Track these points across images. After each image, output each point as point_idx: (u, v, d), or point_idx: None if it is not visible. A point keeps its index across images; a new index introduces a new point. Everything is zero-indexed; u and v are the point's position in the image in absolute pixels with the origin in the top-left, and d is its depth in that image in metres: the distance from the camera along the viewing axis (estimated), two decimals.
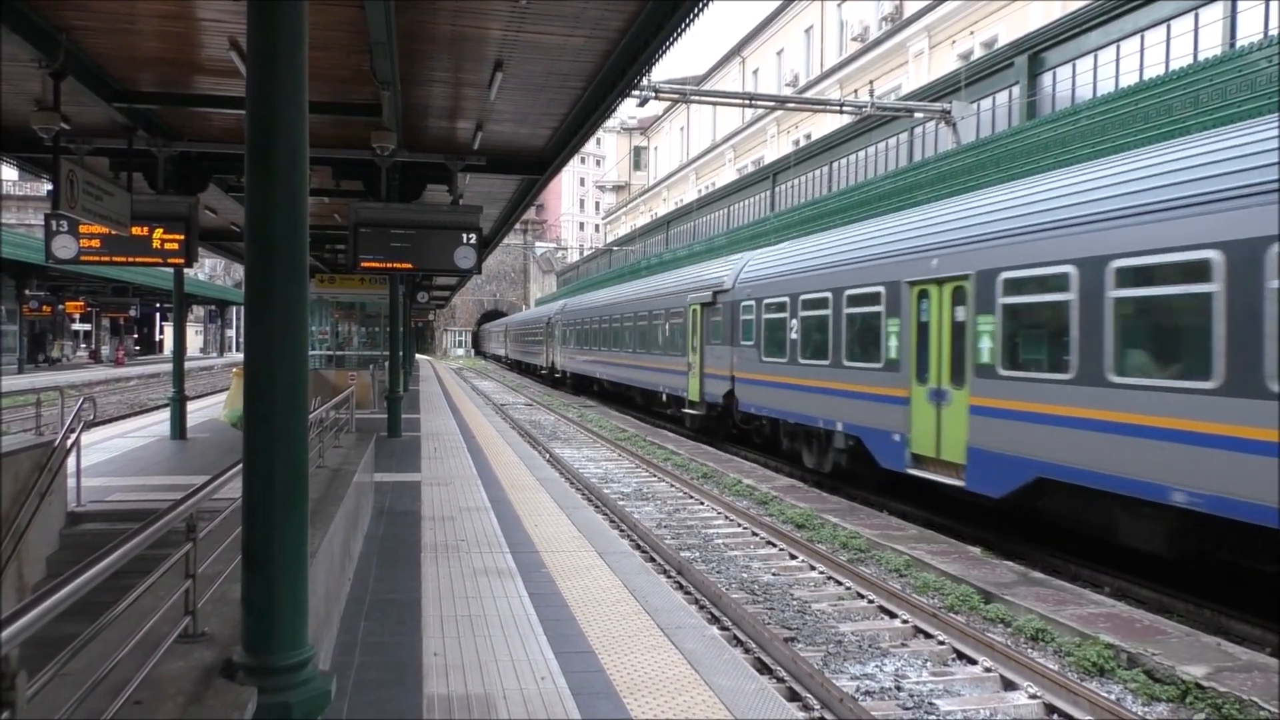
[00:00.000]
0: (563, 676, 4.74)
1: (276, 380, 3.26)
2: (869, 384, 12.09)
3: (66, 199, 7.73)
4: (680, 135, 61.38)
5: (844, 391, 12.75)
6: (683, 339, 20.06)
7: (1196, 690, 5.90)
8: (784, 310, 14.81)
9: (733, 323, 16.96)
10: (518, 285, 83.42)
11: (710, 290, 18.18)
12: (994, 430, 9.54)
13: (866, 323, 12.33)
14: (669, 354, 21.26)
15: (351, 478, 7.10)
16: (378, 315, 23.01)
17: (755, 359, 15.78)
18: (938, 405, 10.54)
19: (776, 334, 15.06)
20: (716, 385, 17.74)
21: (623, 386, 27.13)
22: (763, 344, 15.51)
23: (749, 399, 16.25)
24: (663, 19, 7.01)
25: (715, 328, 17.96)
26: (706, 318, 18.49)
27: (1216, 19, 17.00)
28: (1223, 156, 7.36)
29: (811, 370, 13.78)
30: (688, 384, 19.63)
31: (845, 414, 12.71)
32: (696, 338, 18.98)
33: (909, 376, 11.12)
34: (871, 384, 12.00)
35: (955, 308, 10.33)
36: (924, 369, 10.88)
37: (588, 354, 31.47)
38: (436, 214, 10.35)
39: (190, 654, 3.28)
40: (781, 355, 14.77)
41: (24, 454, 7.29)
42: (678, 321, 20.61)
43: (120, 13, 7.05)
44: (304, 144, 3.35)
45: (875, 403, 11.86)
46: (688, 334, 19.66)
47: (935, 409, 10.58)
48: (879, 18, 34.76)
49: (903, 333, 11.32)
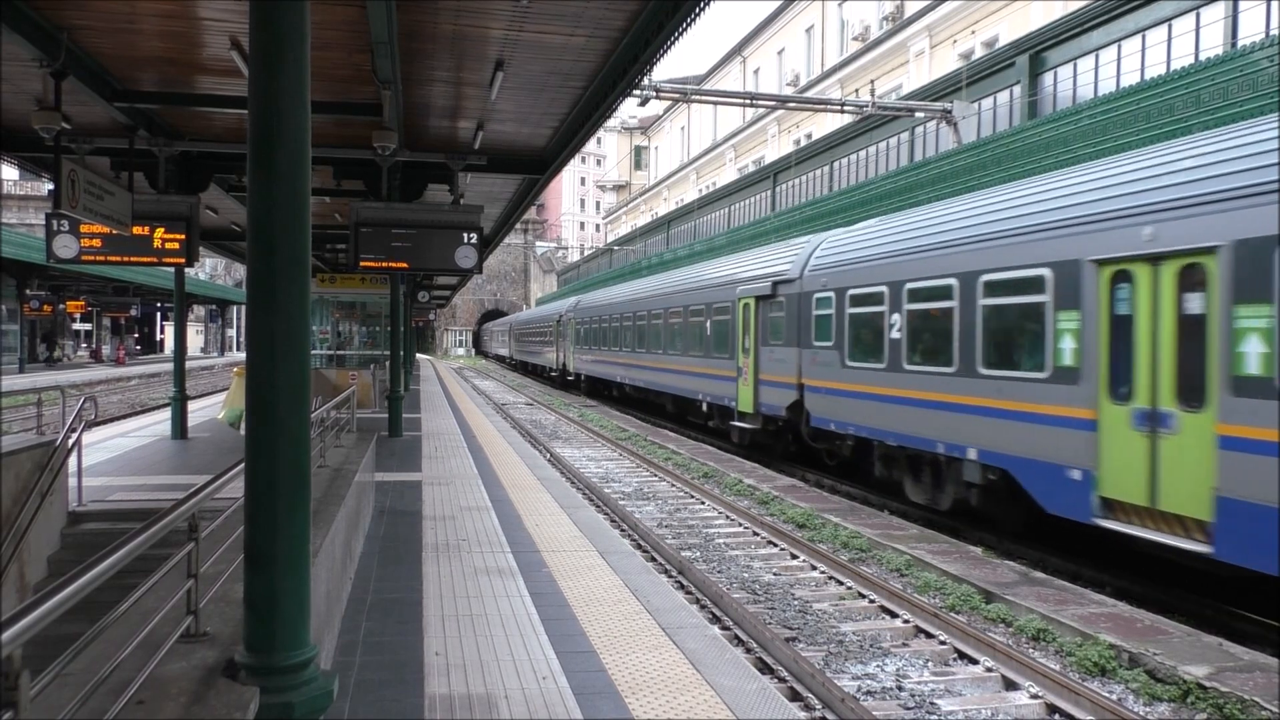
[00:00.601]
0: (564, 676, 4.74)
1: (278, 379, 3.27)
2: (1024, 400, 9.11)
3: (68, 198, 7.73)
4: (681, 135, 61.36)
5: (981, 409, 9.76)
6: (730, 339, 17.13)
7: (1198, 690, 5.89)
8: (879, 303, 11.84)
9: (800, 319, 14.06)
10: (518, 285, 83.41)
11: (768, 281, 15.29)
12: (1267, 475, 6.58)
13: (1019, 317, 9.42)
14: (712, 356, 18.23)
15: (353, 477, 7.10)
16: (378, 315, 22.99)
17: (835, 363, 12.93)
18: (1151, 433, 7.62)
19: (868, 333, 12.23)
20: (777, 394, 14.90)
21: (649, 392, 24.25)
22: (847, 345, 12.65)
23: (825, 412, 13.28)
24: (664, 18, 7.01)
25: (774, 325, 15.11)
26: (762, 314, 15.62)
27: (1218, 19, 16.99)
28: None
29: (926, 379, 10.81)
30: (737, 392, 16.68)
31: (982, 438, 9.73)
32: (749, 338, 16.07)
33: (1096, 391, 8.21)
34: (1029, 400, 9.03)
35: (1185, 295, 7.45)
36: (1123, 381, 7.98)
37: (606, 355, 28.48)
38: (437, 213, 10.35)
39: (192, 654, 3.28)
40: (876, 359, 11.88)
41: (25, 453, 7.29)
42: (723, 319, 17.63)
43: (121, 12, 7.05)
44: (306, 143, 3.36)
45: (1035, 425, 8.89)
46: (736, 333, 16.75)
47: (1147, 438, 7.66)
48: (880, 17, 34.75)
49: (1085, 330, 8.40)
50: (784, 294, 14.81)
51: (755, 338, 15.86)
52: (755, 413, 15.87)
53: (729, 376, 17.18)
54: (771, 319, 15.29)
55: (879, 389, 11.85)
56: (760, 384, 15.73)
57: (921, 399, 10.91)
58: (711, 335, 18.24)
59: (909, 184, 18.93)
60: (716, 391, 18.00)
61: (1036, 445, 8.93)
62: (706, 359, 18.60)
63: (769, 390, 15.38)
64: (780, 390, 14.86)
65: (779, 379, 14.93)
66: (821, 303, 13.51)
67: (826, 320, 13.32)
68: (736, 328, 16.82)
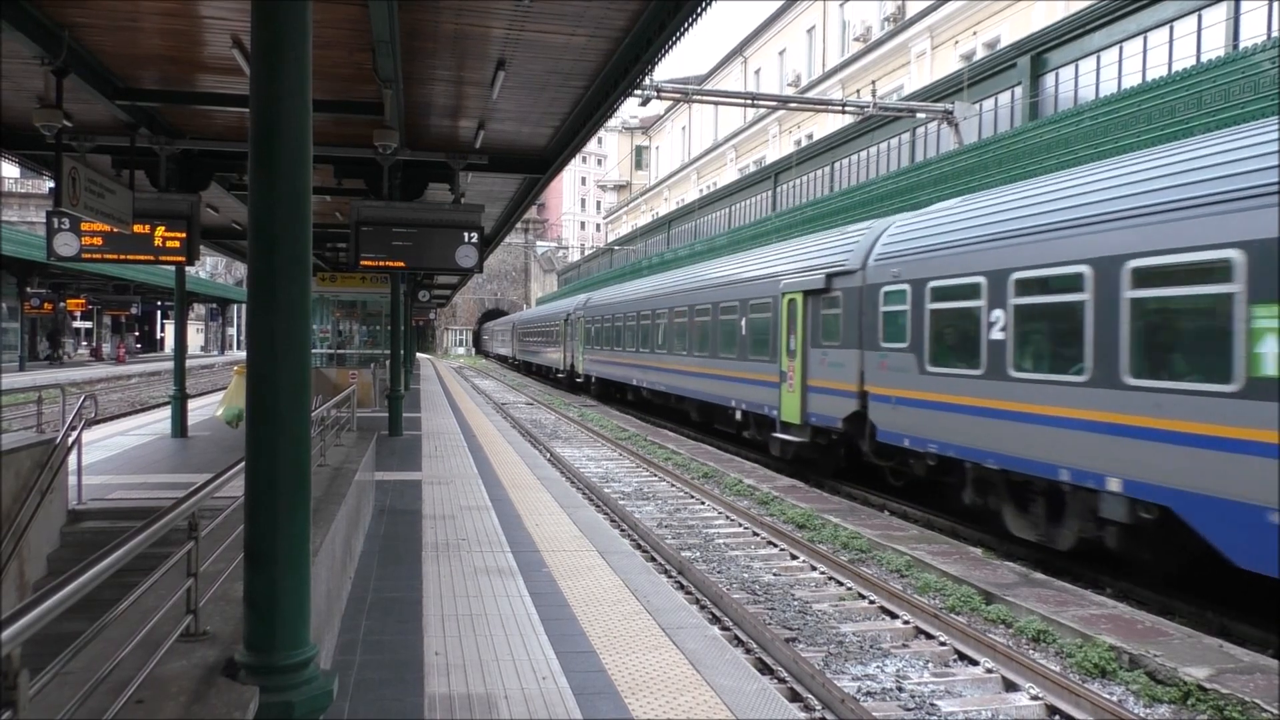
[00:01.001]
0: (564, 676, 4.74)
1: (279, 378, 3.26)
2: (1200, 419, 7.11)
3: (69, 196, 7.72)
4: (682, 135, 61.37)
5: (1129, 428, 7.81)
6: (771, 340, 15.20)
7: (1198, 692, 5.89)
8: (973, 296, 9.86)
9: (863, 317, 12.17)
10: (519, 284, 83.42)
11: (820, 273, 13.43)
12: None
13: (1190, 314, 7.55)
14: (748, 359, 16.27)
15: (353, 476, 7.10)
16: (379, 314, 23.00)
17: (911, 368, 10.97)
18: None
19: (956, 332, 10.36)
20: (831, 403, 12.98)
21: (669, 397, 22.18)
22: (927, 347, 10.70)
23: (898, 425, 11.30)
24: (665, 18, 7.00)
25: (828, 324, 13.22)
26: (812, 311, 13.73)
27: (1220, 20, 16.99)
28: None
29: (1042, 390, 8.83)
30: (779, 399, 14.70)
31: (1131, 465, 7.78)
32: (795, 338, 14.19)
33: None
34: (1208, 419, 7.04)
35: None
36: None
37: (620, 356, 26.31)
38: (438, 213, 10.35)
39: (192, 653, 3.27)
40: (968, 364, 9.93)
41: (25, 451, 7.28)
42: (762, 317, 15.69)
43: (123, 10, 7.05)
44: (308, 142, 3.35)
45: (1218, 452, 6.98)
46: (779, 333, 14.80)
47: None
48: (881, 18, 34.74)
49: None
50: (840, 288, 12.89)
51: (803, 338, 13.96)
52: (803, 424, 13.86)
53: (769, 382, 15.23)
54: (824, 317, 13.36)
55: (973, 400, 9.88)
56: (809, 391, 13.75)
57: (1035, 414, 8.90)
58: (748, 335, 16.32)
59: (910, 185, 18.93)
60: (754, 398, 16.00)
61: (1220, 478, 6.93)
62: (741, 362, 16.63)
63: (820, 398, 13.39)
64: (835, 399, 12.89)
65: (834, 385, 12.97)
66: (892, 297, 11.51)
67: (898, 318, 11.31)
68: (779, 327, 14.87)
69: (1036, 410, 8.93)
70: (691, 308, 19.86)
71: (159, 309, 63.59)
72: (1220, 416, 6.94)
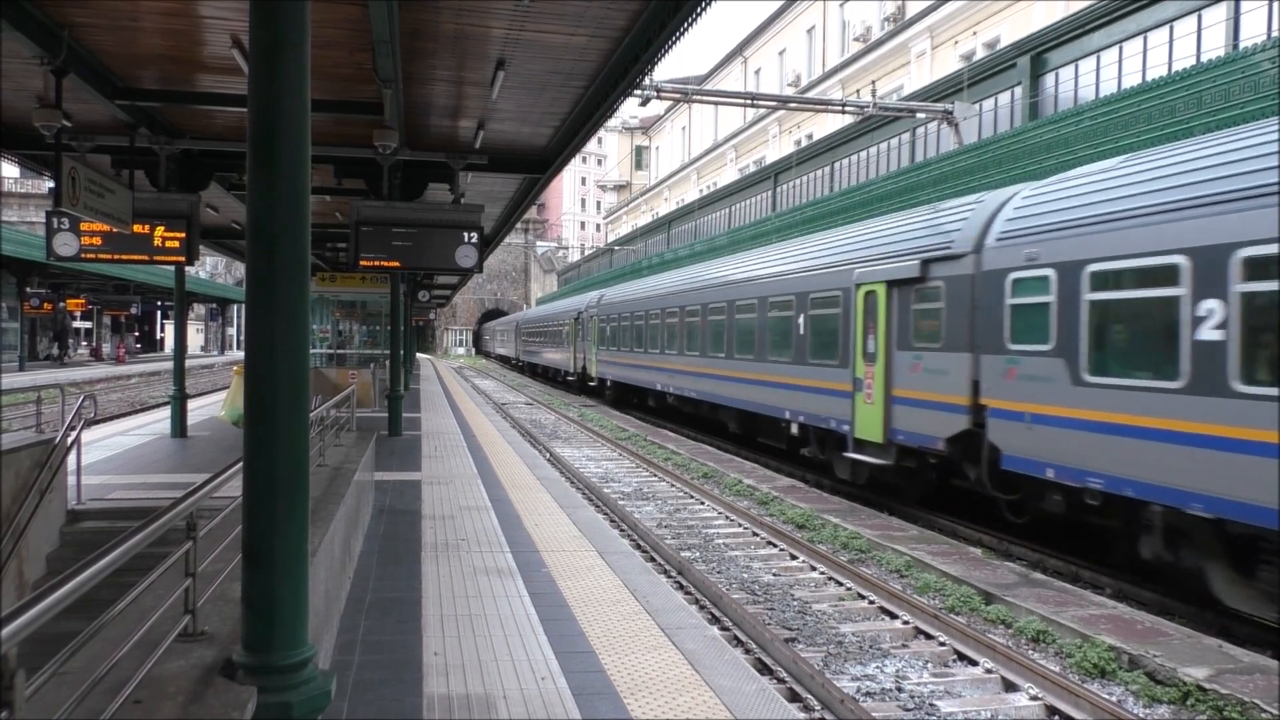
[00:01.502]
0: (563, 676, 4.73)
1: (278, 378, 3.26)
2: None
3: (68, 196, 7.72)
4: (682, 135, 61.37)
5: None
6: (841, 341, 12.92)
7: (1198, 692, 5.89)
8: (1167, 282, 7.57)
9: (979, 311, 9.95)
10: (519, 284, 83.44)
11: (913, 259, 11.14)
12: None
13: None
14: (808, 363, 13.97)
15: (352, 476, 7.10)
16: (379, 314, 23.01)
17: (1058, 377, 8.68)
18: None
19: (1134, 330, 8.18)
20: (927, 419, 10.72)
21: (701, 405, 19.85)
22: (1084, 349, 8.38)
23: (1036, 450, 8.97)
24: (666, 18, 7.00)
25: (923, 321, 11.04)
26: (900, 305, 11.50)
27: (1220, 20, 16.99)
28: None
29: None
30: (852, 412, 12.47)
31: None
32: (875, 338, 11.96)
33: None
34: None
35: None
36: None
37: (642, 358, 23.91)
38: (438, 213, 10.35)
39: (190, 653, 3.27)
40: (1159, 373, 7.64)
41: (24, 451, 7.28)
42: (827, 313, 13.44)
43: (123, 10, 7.05)
44: (306, 142, 3.35)
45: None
46: (852, 333, 12.60)
47: None
48: (881, 18, 34.75)
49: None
50: (942, 276, 10.61)
51: (886, 338, 11.70)
52: (886, 442, 11.59)
53: (838, 391, 12.90)
54: (917, 312, 11.14)
55: (1169, 422, 7.51)
56: (895, 403, 11.47)
57: (1274, 444, 6.56)
58: (808, 335, 14.01)
59: (910, 184, 18.93)
60: (816, 410, 13.63)
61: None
62: (799, 366, 14.30)
63: (911, 413, 11.11)
64: (934, 414, 10.63)
65: (932, 397, 10.67)
66: (1026, 286, 9.23)
67: (1036, 312, 9.04)
68: (852, 325, 12.61)
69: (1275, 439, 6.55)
70: (731, 303, 17.51)
71: (159, 309, 63.59)
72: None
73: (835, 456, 13.44)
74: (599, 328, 29.54)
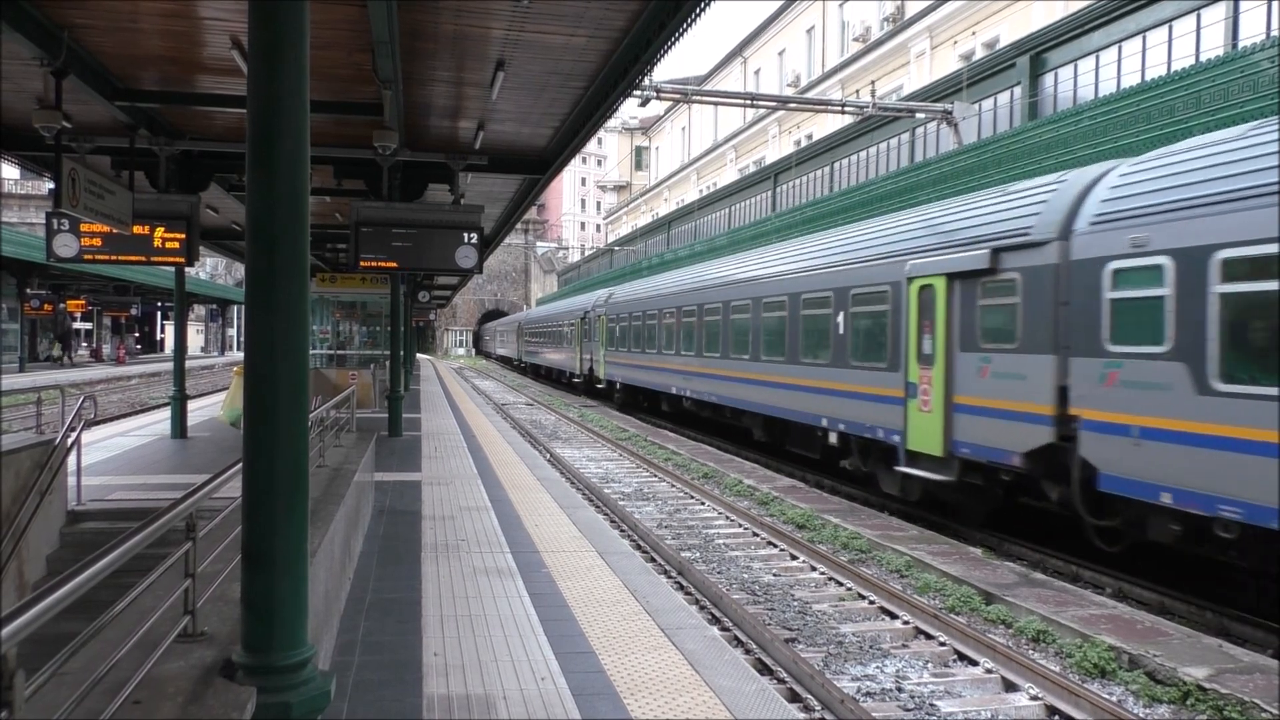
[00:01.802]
0: (563, 677, 4.73)
1: (277, 379, 3.26)
2: None
3: (68, 197, 7.72)
4: (682, 135, 61.38)
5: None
6: (891, 341, 11.68)
7: (1198, 692, 5.89)
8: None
9: (1062, 306, 8.79)
10: (519, 285, 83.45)
11: (980, 248, 9.94)
12: None
13: None
14: (850, 366, 12.72)
15: (352, 477, 7.10)
16: (379, 314, 23.02)
17: (1178, 384, 7.45)
18: None
19: None
20: (1000, 430, 9.52)
21: (723, 410, 18.56)
22: (1216, 351, 7.17)
23: (1148, 470, 7.72)
24: (665, 18, 7.00)
25: (994, 318, 9.82)
26: (963, 300, 10.26)
27: (1219, 19, 17.00)
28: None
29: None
30: (904, 421, 11.18)
31: None
32: (933, 338, 10.74)
33: None
34: None
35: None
36: None
37: (655, 360, 22.78)
38: (438, 213, 10.35)
39: (190, 653, 3.27)
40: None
41: (25, 452, 7.28)
42: (872, 310, 12.22)
43: (122, 11, 7.05)
44: (305, 143, 3.35)
45: None
46: (903, 332, 11.39)
47: None
48: (880, 18, 34.76)
49: None
50: (1018, 266, 9.41)
51: (946, 338, 10.45)
52: (946, 456, 10.32)
53: (886, 397, 11.62)
54: (986, 309, 9.92)
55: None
56: (957, 411, 10.22)
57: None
58: (849, 334, 12.77)
59: (910, 184, 18.93)
60: (859, 417, 12.36)
61: None
62: (838, 369, 13.02)
63: (978, 423, 9.87)
64: (1009, 424, 9.39)
65: (1005, 405, 9.47)
66: (1131, 277, 8.00)
67: (1146, 307, 7.85)
68: (903, 323, 11.33)
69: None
70: (757, 301, 16.21)
71: (159, 310, 63.59)
72: None
73: (881, 470, 12.14)
74: (607, 327, 28.28)
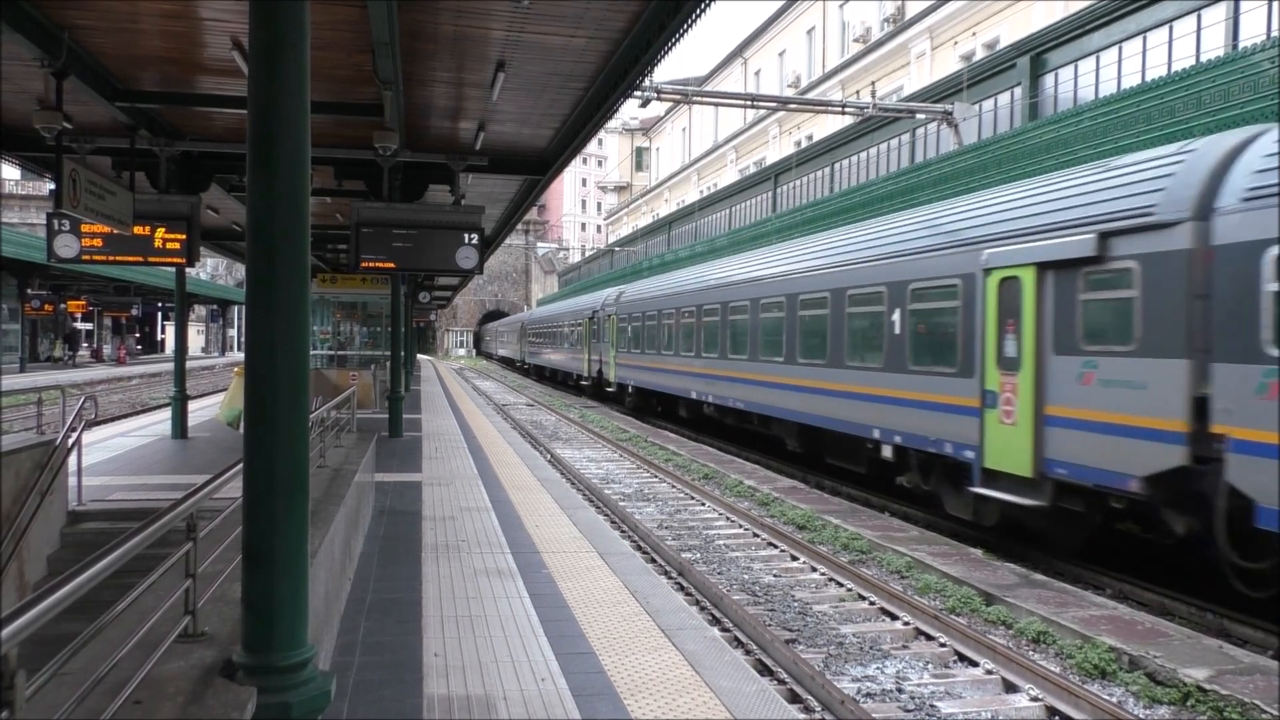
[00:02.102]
0: (563, 677, 4.73)
1: (278, 379, 3.26)
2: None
3: (69, 198, 7.73)
4: (682, 136, 61.40)
5: None
6: (962, 340, 10.13)
7: (1198, 693, 5.88)
8: None
9: (1196, 302, 7.53)
10: (520, 285, 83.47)
11: (1084, 231, 8.47)
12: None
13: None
14: (910, 369, 11.16)
15: (352, 477, 7.10)
16: (379, 315, 23.03)
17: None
18: None
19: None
20: (1112, 448, 8.12)
21: (751, 418, 16.90)
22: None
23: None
24: (665, 19, 7.00)
25: (1102, 315, 8.42)
26: (1058, 293, 8.79)
27: (1219, 20, 17.00)
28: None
29: None
30: (981, 434, 9.68)
31: None
32: (1019, 338, 9.22)
33: None
34: None
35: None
36: None
37: (672, 362, 21.34)
38: (438, 214, 10.35)
39: (190, 653, 3.27)
40: None
41: (25, 452, 7.29)
42: (939, 305, 10.67)
43: (123, 12, 7.05)
44: (306, 143, 3.35)
45: None
46: (979, 330, 9.83)
47: None
48: (881, 19, 34.76)
49: None
50: (1136, 253, 7.99)
51: (1037, 339, 8.99)
52: (1037, 476, 8.87)
53: (956, 406, 10.19)
54: (1093, 303, 8.48)
55: None
56: (1049, 424, 8.80)
57: None
58: (908, 335, 11.28)
59: (911, 185, 18.93)
60: (921, 428, 10.85)
61: None
62: (894, 375, 11.53)
63: (1081, 439, 8.43)
64: (1124, 441, 7.99)
65: (1119, 418, 8.07)
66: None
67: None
68: (978, 321, 9.85)
69: None
70: (791, 298, 14.86)
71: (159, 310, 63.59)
72: None
73: (946, 489, 10.73)
74: (619, 327, 26.78)
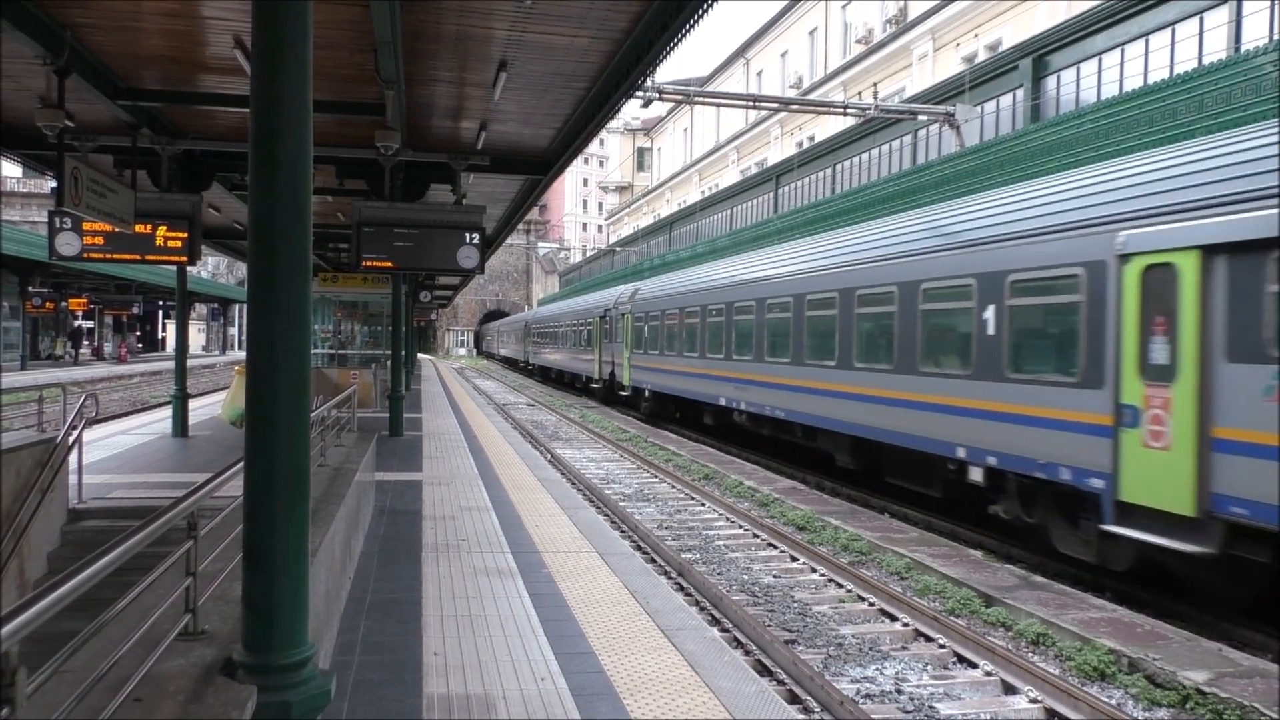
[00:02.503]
0: (563, 677, 4.74)
1: (279, 378, 3.26)
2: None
3: (70, 196, 7.73)
4: (684, 136, 61.40)
5: None
6: (1084, 343, 8.43)
7: (1197, 696, 5.88)
8: None
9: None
10: (521, 285, 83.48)
11: (1267, 206, 6.76)
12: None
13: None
14: (1008, 378, 9.43)
15: (353, 476, 7.10)
16: (380, 314, 23.03)
17: None
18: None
19: None
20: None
21: (794, 428, 14.98)
22: None
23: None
24: (667, 19, 7.00)
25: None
26: (1232, 287, 7.09)
27: (1221, 23, 16.99)
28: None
29: None
30: (1116, 459, 7.93)
31: None
32: (1173, 342, 7.50)
33: None
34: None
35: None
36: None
37: (697, 365, 19.48)
38: (440, 213, 10.36)
39: (190, 652, 3.27)
40: None
41: (26, 450, 7.29)
42: (1048, 302, 9.05)
43: (125, 10, 7.06)
44: (308, 142, 3.35)
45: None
46: (1107, 332, 8.17)
47: None
48: (883, 20, 34.76)
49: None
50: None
51: (1200, 342, 7.24)
52: (1201, 515, 7.10)
53: (1076, 423, 8.43)
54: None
55: None
56: (1218, 450, 7.06)
57: None
58: (1006, 335, 9.48)
59: (912, 186, 18.93)
60: (1024, 448, 9.14)
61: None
62: (988, 384, 9.72)
63: (1270, 472, 6.60)
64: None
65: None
66: None
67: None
68: (1108, 320, 8.11)
69: None
70: (847, 293, 12.90)
71: (160, 309, 63.62)
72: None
73: (1056, 523, 9.02)
74: (634, 327, 24.80)
